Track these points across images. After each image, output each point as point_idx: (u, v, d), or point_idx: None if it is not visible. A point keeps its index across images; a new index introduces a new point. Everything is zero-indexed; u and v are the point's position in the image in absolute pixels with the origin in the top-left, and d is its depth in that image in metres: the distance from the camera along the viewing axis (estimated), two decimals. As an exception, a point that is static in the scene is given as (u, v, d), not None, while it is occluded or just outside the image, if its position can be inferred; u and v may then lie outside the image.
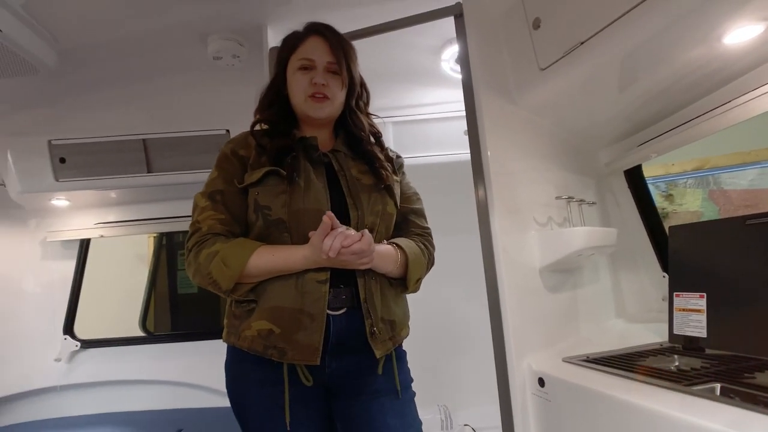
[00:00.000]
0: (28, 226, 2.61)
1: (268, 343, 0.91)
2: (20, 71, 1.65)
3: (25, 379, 2.51)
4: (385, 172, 1.07)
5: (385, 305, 1.00)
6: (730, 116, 1.21)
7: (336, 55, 1.04)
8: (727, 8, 0.98)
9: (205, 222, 0.96)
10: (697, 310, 1.25)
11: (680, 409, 0.78)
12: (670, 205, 2.69)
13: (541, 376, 1.11)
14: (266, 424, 0.94)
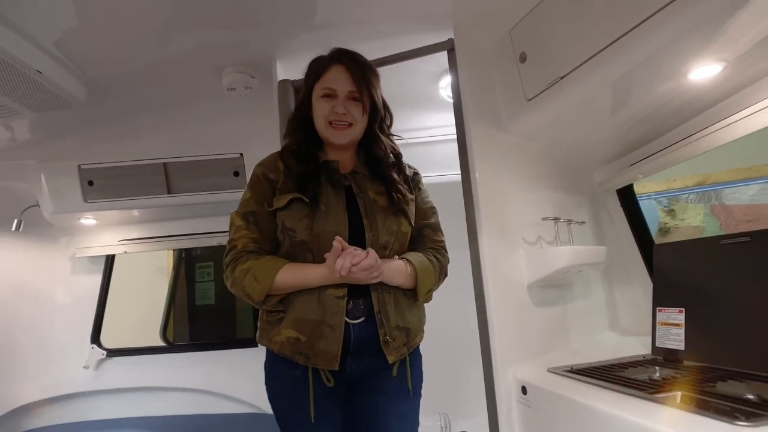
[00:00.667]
0: (59, 243, 2.81)
1: (295, 349, 1.03)
2: (55, 106, 1.82)
3: (56, 385, 2.69)
4: (398, 195, 1.13)
5: (399, 314, 1.08)
6: (704, 143, 1.29)
7: (357, 84, 1.10)
8: (690, 49, 1.08)
9: (239, 240, 1.07)
10: (677, 324, 1.32)
11: (639, 415, 0.87)
12: (672, 220, 2.73)
13: (524, 385, 1.20)
14: (294, 416, 1.05)
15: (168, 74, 1.81)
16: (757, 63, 1.08)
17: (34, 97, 1.75)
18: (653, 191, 2.84)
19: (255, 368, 2.69)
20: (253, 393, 2.60)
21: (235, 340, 3.05)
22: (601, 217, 1.94)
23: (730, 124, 1.18)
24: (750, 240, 1.16)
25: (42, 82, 1.67)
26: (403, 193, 1.15)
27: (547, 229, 1.55)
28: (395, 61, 1.57)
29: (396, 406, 1.11)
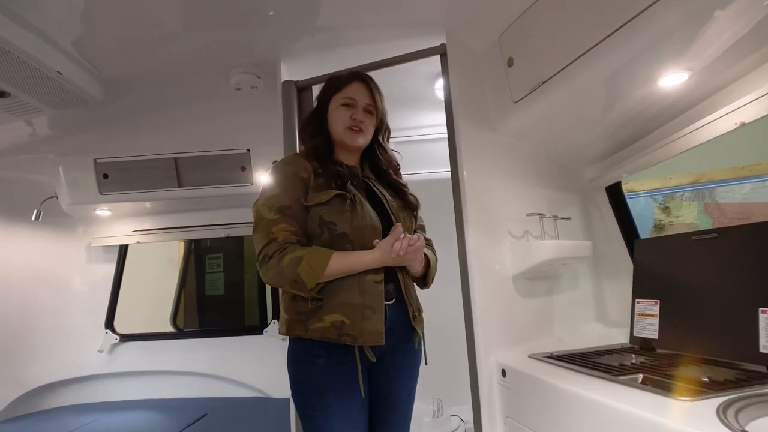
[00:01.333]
0: (75, 232, 2.95)
1: (341, 331, 1.12)
2: (74, 104, 1.94)
3: (72, 368, 2.84)
4: (414, 199, 1.33)
5: (416, 298, 1.27)
6: (677, 145, 1.37)
7: (374, 99, 1.29)
8: (659, 58, 1.15)
9: (279, 233, 1.15)
10: (652, 315, 1.40)
11: (600, 393, 0.96)
12: (666, 217, 2.78)
13: (504, 368, 1.29)
14: (330, 397, 1.13)
15: (179, 74, 1.92)
16: (721, 73, 1.15)
17: (55, 96, 1.87)
18: (650, 189, 2.89)
19: (261, 354, 2.82)
20: (259, 378, 2.73)
21: (241, 328, 3.17)
22: (592, 213, 2.02)
23: (699, 128, 1.26)
24: (717, 236, 1.24)
25: (62, 82, 1.78)
26: (414, 195, 1.34)
27: (534, 224, 1.63)
28: (392, 64, 1.65)
29: (407, 380, 1.28)
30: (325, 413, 1.13)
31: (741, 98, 1.12)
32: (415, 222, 1.33)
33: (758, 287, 1.09)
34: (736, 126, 1.16)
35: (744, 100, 1.12)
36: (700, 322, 1.24)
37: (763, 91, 1.07)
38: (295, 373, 1.19)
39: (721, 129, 1.19)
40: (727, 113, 1.16)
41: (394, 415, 1.26)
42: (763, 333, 1.04)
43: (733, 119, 1.15)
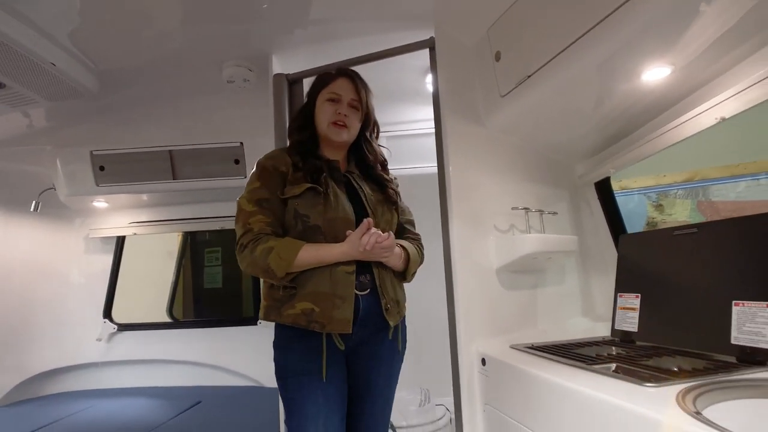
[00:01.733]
0: (73, 224, 2.99)
1: (310, 318, 1.16)
2: (68, 96, 1.97)
3: (72, 355, 2.91)
4: (395, 193, 1.36)
5: (393, 290, 1.28)
6: (661, 141, 1.39)
7: (359, 94, 1.31)
8: (643, 52, 1.16)
9: (255, 224, 1.19)
10: (633, 308, 1.42)
11: (573, 380, 0.98)
12: (660, 215, 2.78)
13: (484, 357, 1.32)
14: (304, 380, 1.18)
15: (173, 68, 1.94)
16: (704, 70, 1.17)
17: (50, 87, 1.90)
18: (644, 186, 2.89)
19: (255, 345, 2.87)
20: (253, 368, 2.77)
21: (236, 319, 3.21)
22: (582, 209, 2.03)
23: (681, 123, 1.27)
24: (697, 231, 1.26)
25: (56, 74, 1.81)
26: (396, 190, 1.37)
27: (520, 219, 1.65)
28: (382, 57, 1.67)
29: (385, 369, 1.31)
30: (301, 395, 1.17)
31: (722, 94, 1.13)
32: (397, 215, 1.35)
33: (732, 281, 1.11)
34: (716, 121, 1.17)
35: (724, 96, 1.12)
36: (677, 315, 1.26)
37: (742, 87, 1.08)
38: (275, 357, 1.24)
39: (704, 124, 1.21)
40: (709, 108, 1.17)
41: (373, 402, 1.30)
42: (734, 325, 1.06)
43: (714, 114, 1.16)
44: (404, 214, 1.42)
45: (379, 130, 1.44)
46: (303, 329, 1.18)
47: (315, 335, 1.19)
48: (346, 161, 1.38)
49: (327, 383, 1.19)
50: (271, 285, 1.23)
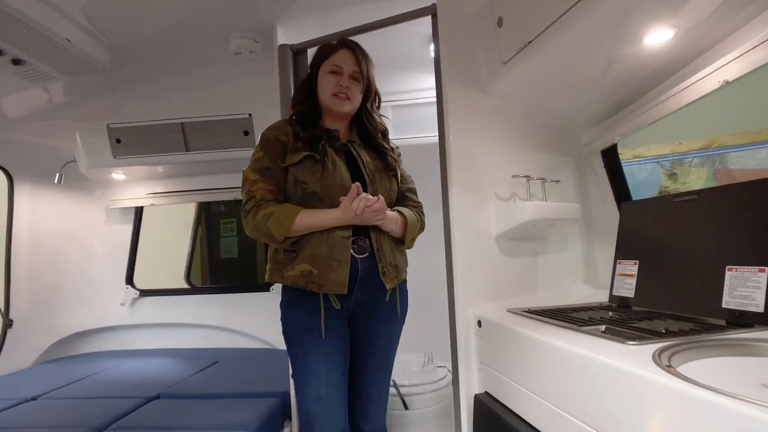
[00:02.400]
0: (94, 195, 3.12)
1: (308, 279, 1.24)
2: (83, 70, 2.03)
3: (98, 318, 3.09)
4: (394, 160, 1.39)
5: (391, 254, 1.33)
6: (664, 107, 1.37)
7: (360, 66, 1.34)
8: (646, 14, 1.14)
9: (258, 191, 1.27)
10: (631, 275, 1.44)
11: (561, 339, 1.01)
12: (673, 183, 2.74)
13: (480, 319, 1.37)
14: (308, 335, 1.27)
15: (181, 40, 1.98)
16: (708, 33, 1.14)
17: (65, 62, 1.96)
18: (658, 154, 2.84)
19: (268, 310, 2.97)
20: (266, 331, 2.91)
21: (250, 285, 3.35)
22: (588, 177, 2.02)
23: (685, 88, 1.25)
24: (697, 198, 1.25)
25: (71, 49, 1.87)
26: (395, 157, 1.41)
27: (522, 187, 1.66)
28: (385, 26, 1.67)
29: (385, 329, 1.38)
30: (304, 351, 1.25)
31: (725, 57, 1.11)
32: (396, 183, 1.39)
33: (727, 247, 1.12)
34: (720, 84, 1.15)
35: (727, 58, 1.10)
36: (673, 281, 1.28)
37: (745, 49, 1.05)
38: (282, 317, 1.33)
39: (707, 88, 1.19)
40: (712, 72, 1.15)
41: (374, 360, 1.38)
42: (726, 289, 1.08)
43: (717, 78, 1.14)
44: (405, 182, 1.47)
45: (381, 100, 1.47)
46: (304, 291, 1.26)
47: (315, 296, 1.26)
48: (348, 131, 1.42)
49: (327, 340, 1.26)
50: (275, 249, 1.30)
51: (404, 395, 1.83)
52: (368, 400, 1.39)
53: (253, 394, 1.97)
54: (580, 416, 0.90)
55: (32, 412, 1.94)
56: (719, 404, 0.59)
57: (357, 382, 1.37)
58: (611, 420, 0.81)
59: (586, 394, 0.88)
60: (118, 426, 1.73)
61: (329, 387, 1.26)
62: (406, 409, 1.83)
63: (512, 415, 1.20)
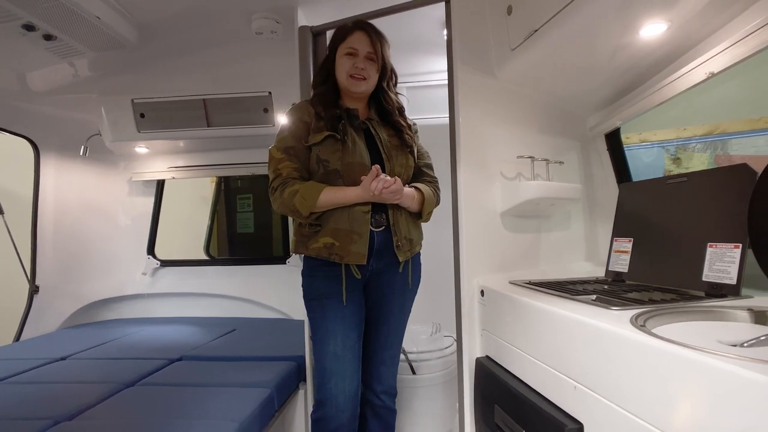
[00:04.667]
0: (118, 167, 3.25)
1: (331, 251, 1.36)
2: (110, 46, 2.13)
3: (121, 286, 3.26)
4: (410, 137, 1.48)
5: (406, 228, 1.43)
6: (661, 94, 1.45)
7: (374, 47, 1.41)
8: (642, 7, 1.21)
9: (284, 169, 1.37)
10: (626, 251, 1.54)
11: (554, 305, 1.13)
12: (677, 168, 2.80)
13: (483, 289, 1.49)
14: (330, 301, 1.39)
15: (205, 18, 2.05)
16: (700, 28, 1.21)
17: (94, 39, 2.06)
18: (664, 139, 2.89)
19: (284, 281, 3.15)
20: (281, 301, 3.06)
21: (267, 258, 3.49)
22: (592, 159, 2.11)
23: (677, 78, 1.33)
24: (687, 180, 1.35)
25: (100, 26, 1.96)
26: (411, 135, 1.49)
27: (527, 167, 1.75)
28: (401, 10, 1.74)
29: (398, 297, 1.50)
30: (323, 315, 1.38)
31: (712, 50, 1.19)
32: (413, 159, 1.48)
33: (710, 225, 1.21)
34: (706, 76, 1.23)
35: (713, 52, 1.18)
36: (662, 257, 1.38)
37: (729, 43, 1.13)
38: (303, 283, 1.45)
39: (695, 79, 1.27)
40: (700, 64, 1.23)
41: (387, 325, 1.51)
42: (707, 264, 1.18)
43: (704, 69, 1.22)
44: (422, 158, 1.55)
45: (397, 78, 1.54)
46: (325, 260, 1.37)
47: (335, 265, 1.38)
48: (366, 109, 1.50)
49: (345, 306, 1.39)
50: (299, 223, 1.41)
51: (412, 361, 1.97)
52: (380, 362, 1.52)
53: (271, 357, 2.12)
54: (568, 372, 1.02)
55: (63, 370, 2.07)
56: (679, 354, 0.70)
57: (371, 346, 1.50)
58: (593, 373, 0.93)
59: (573, 353, 1.00)
60: (146, 382, 1.87)
61: (345, 347, 1.39)
62: (414, 374, 1.98)
63: (509, 375, 1.33)
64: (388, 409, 1.55)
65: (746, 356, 0.63)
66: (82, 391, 1.73)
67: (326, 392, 1.38)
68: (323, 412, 1.38)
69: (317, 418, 1.41)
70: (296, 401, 1.99)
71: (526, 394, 1.17)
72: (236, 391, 1.66)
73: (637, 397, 0.78)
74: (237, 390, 1.68)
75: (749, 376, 0.57)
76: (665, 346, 0.74)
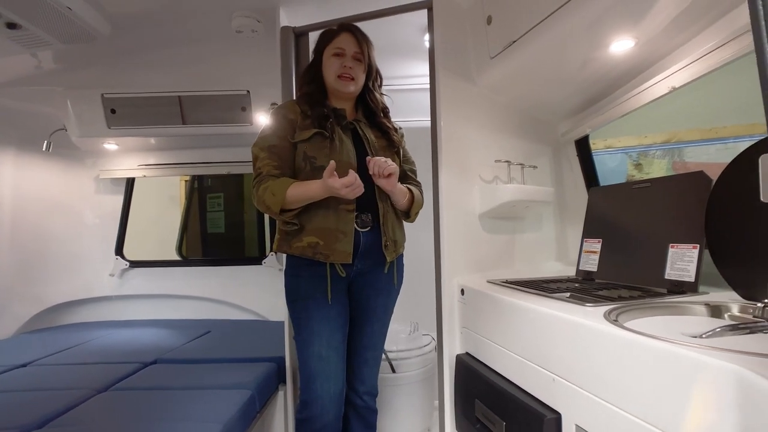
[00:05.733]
0: (84, 164, 3.12)
1: (316, 250, 1.37)
2: (81, 39, 2.04)
3: (87, 288, 3.13)
4: (397, 138, 1.51)
5: (392, 229, 1.45)
6: (626, 105, 1.55)
7: (361, 47, 1.44)
8: (612, 25, 1.30)
9: (264, 168, 1.38)
10: (595, 251, 1.64)
11: (533, 302, 1.20)
12: (638, 173, 2.97)
13: (463, 288, 1.55)
14: (314, 300, 1.39)
15: (182, 13, 2.00)
16: (664, 44, 1.31)
17: (64, 30, 1.97)
18: (627, 146, 3.06)
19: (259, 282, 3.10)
20: (257, 303, 3.03)
21: (242, 258, 3.44)
22: (562, 164, 2.21)
23: (642, 90, 1.43)
24: (650, 185, 1.45)
25: (71, 18, 1.88)
26: (398, 136, 1.53)
27: (504, 171, 1.83)
28: (384, 15, 1.78)
29: (382, 298, 1.52)
30: (308, 315, 1.39)
31: (674, 66, 1.29)
32: (399, 161, 1.51)
33: (671, 227, 1.32)
34: (669, 90, 1.33)
35: (674, 68, 1.28)
36: (629, 256, 1.48)
37: (689, 60, 1.23)
38: (286, 283, 1.45)
39: (658, 93, 1.37)
40: (663, 79, 1.33)
41: (371, 326, 1.53)
42: (668, 263, 1.28)
43: (667, 84, 1.33)
44: (407, 162, 1.59)
45: (382, 79, 1.58)
46: (309, 260, 1.39)
47: (320, 264, 1.39)
48: (354, 110, 1.53)
49: (330, 306, 1.40)
50: (283, 222, 1.42)
51: (392, 360, 2.02)
52: (364, 363, 1.54)
53: (249, 359, 2.09)
54: (546, 365, 1.09)
55: (24, 377, 1.94)
56: (649, 345, 0.78)
57: (355, 346, 1.52)
58: (571, 365, 1.00)
59: (552, 347, 1.07)
60: (119, 387, 1.79)
61: (330, 348, 1.40)
62: (394, 372, 2.02)
63: (489, 370, 1.39)
64: (370, 409, 1.58)
65: (706, 345, 0.71)
66: (49, 399, 1.64)
67: (312, 393, 1.39)
68: (308, 412, 1.40)
69: (302, 419, 1.43)
70: (276, 402, 1.99)
71: (506, 388, 1.23)
72: (217, 393, 1.65)
73: (612, 386, 0.85)
74: (218, 392, 1.67)
75: (710, 362, 0.65)
76: (637, 338, 0.81)
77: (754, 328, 0.85)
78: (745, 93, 2.00)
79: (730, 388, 0.59)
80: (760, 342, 0.78)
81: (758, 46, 0.46)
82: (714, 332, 0.85)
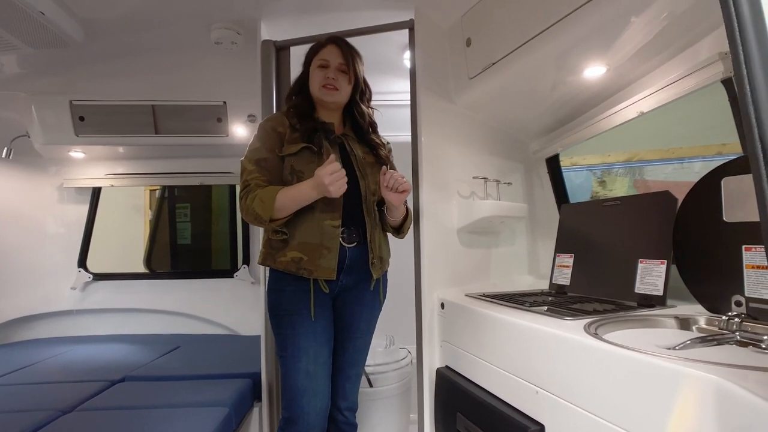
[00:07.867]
0: (48, 172, 2.98)
1: (299, 266, 1.36)
2: (52, 44, 1.97)
3: (46, 303, 2.97)
4: (384, 154, 1.51)
5: (379, 246, 1.46)
6: (597, 127, 1.64)
7: (346, 59, 1.45)
8: (586, 52, 1.38)
9: (252, 180, 1.36)
10: (567, 266, 1.71)
11: (512, 316, 1.24)
12: (602, 189, 3.13)
13: (443, 301, 1.58)
14: (297, 316, 1.37)
15: (159, 22, 1.97)
16: (631, 71, 1.41)
17: (34, 35, 1.91)
18: (591, 164, 3.22)
19: (231, 296, 3.03)
20: (228, 317, 2.95)
21: (212, 271, 3.35)
22: (533, 181, 2.30)
23: (612, 114, 1.53)
24: (619, 203, 1.53)
25: (43, 23, 1.82)
26: (387, 154, 1.54)
27: (480, 187, 1.88)
28: (365, 33, 1.81)
29: (366, 314, 1.51)
30: (294, 331, 1.37)
31: (643, 92, 1.39)
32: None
33: (640, 243, 1.40)
34: (637, 114, 1.42)
35: (642, 95, 1.38)
36: (600, 271, 1.55)
37: (656, 88, 1.33)
38: (270, 298, 1.43)
39: (628, 116, 1.47)
40: (632, 104, 1.43)
41: (354, 342, 1.52)
42: (638, 278, 1.36)
43: (636, 108, 1.42)
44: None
45: (371, 93, 1.58)
46: (293, 275, 1.38)
47: (304, 280, 1.38)
48: (342, 124, 1.53)
49: (315, 321, 1.39)
50: (268, 236, 1.41)
51: (369, 374, 2.01)
52: (346, 379, 1.52)
53: (223, 375, 2.04)
54: (528, 378, 1.12)
55: None
56: (628, 356, 0.82)
57: (339, 362, 1.50)
58: (553, 377, 1.03)
59: (534, 360, 1.11)
60: (86, 407, 1.70)
61: (317, 364, 1.39)
62: (371, 387, 2.01)
63: (469, 382, 1.42)
64: (351, 424, 1.57)
65: (683, 357, 0.76)
66: (10, 422, 1.54)
67: (298, 409, 1.37)
68: (294, 429, 1.38)
69: None
70: (251, 420, 1.94)
71: (488, 401, 1.26)
72: (192, 411, 1.60)
73: (594, 396, 0.89)
74: (193, 410, 1.61)
75: (691, 373, 0.70)
76: (618, 350, 0.85)
77: (721, 340, 0.91)
78: (701, 118, 2.17)
79: (710, 397, 0.64)
80: (728, 353, 0.84)
81: (737, 72, 0.51)
82: (685, 344, 0.91)
